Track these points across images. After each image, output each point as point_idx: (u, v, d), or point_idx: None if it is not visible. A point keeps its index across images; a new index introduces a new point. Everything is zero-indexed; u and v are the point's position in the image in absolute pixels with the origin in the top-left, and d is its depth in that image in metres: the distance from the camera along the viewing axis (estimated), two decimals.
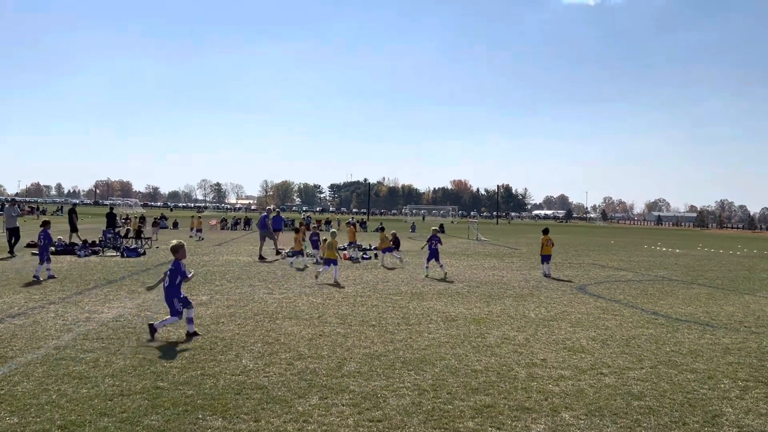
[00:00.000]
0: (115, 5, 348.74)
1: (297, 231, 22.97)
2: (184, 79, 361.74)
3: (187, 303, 10.42)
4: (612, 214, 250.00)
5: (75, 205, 33.03)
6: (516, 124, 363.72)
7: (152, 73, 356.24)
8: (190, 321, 10.29)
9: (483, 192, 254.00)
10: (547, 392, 7.53)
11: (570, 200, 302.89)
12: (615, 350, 9.88)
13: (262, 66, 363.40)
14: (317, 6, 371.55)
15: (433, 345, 9.84)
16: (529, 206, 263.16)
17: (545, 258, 20.68)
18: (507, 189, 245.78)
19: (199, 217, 44.82)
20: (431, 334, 10.64)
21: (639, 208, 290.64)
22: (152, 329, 9.92)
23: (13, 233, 23.47)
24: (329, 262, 17.99)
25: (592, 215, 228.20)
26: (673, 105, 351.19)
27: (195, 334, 10.16)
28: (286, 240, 32.67)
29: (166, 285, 10.39)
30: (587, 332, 11.25)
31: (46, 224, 18.37)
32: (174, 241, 10.88)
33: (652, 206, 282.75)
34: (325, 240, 18.80)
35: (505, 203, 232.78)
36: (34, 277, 16.53)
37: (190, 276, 10.74)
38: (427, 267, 20.14)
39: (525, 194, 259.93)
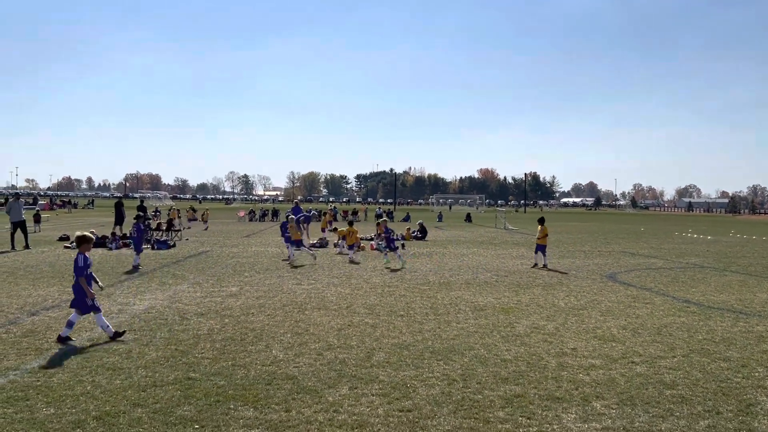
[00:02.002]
0: (143, 3, 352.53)
1: (351, 224, 22.68)
2: (210, 74, 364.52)
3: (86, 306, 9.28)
4: (642, 201, 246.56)
5: (120, 198, 33.72)
6: (544, 112, 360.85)
7: (180, 68, 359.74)
8: (70, 325, 9.14)
9: (510, 180, 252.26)
10: (578, 381, 7.47)
11: (599, 187, 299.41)
12: (646, 339, 9.77)
13: (286, 59, 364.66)
14: None
15: (461, 335, 9.83)
16: (557, 194, 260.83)
17: (540, 248, 19.64)
18: (534, 177, 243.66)
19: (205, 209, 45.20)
20: (460, 324, 10.62)
21: (669, 194, 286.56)
22: (60, 339, 9.01)
23: (19, 226, 24.06)
24: (352, 246, 20.87)
25: (621, 202, 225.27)
26: (703, 89, 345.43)
27: (68, 339, 9.05)
28: (313, 231, 32.86)
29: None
30: (618, 321, 11.14)
31: (138, 218, 19.81)
32: (78, 233, 9.85)
33: (683, 192, 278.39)
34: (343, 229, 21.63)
35: (533, 191, 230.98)
36: (134, 266, 17.98)
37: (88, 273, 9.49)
38: (386, 255, 20.54)
39: (553, 182, 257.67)
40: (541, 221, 20.50)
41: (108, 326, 9.27)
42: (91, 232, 25.58)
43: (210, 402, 6.57)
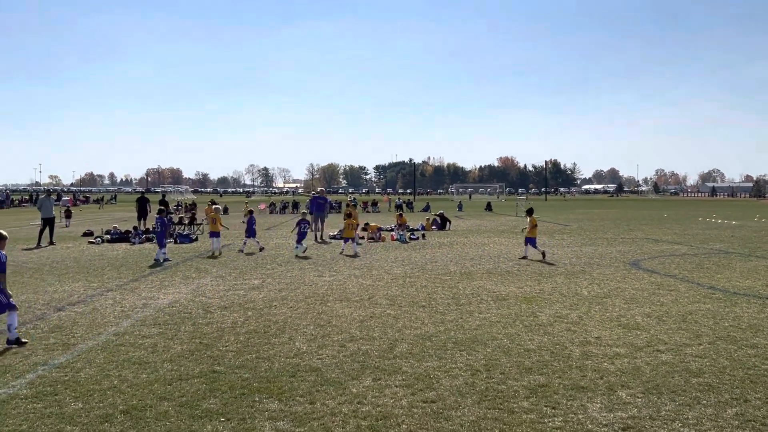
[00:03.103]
0: None
1: (349, 216, 22.65)
2: (225, 65, 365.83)
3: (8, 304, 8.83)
4: (664, 186, 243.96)
5: (143, 193, 34.28)
6: (563, 98, 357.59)
7: (196, 60, 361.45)
8: (10, 328, 8.73)
9: (530, 168, 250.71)
10: (603, 370, 7.43)
11: (620, 174, 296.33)
12: (671, 326, 9.68)
13: (300, 47, 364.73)
14: None
15: (484, 325, 9.81)
16: (578, 181, 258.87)
17: (530, 241, 18.83)
18: (555, 164, 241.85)
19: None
20: (482, 314, 10.60)
21: (692, 179, 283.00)
22: (18, 342, 8.67)
23: (48, 222, 24.37)
24: (347, 239, 20.57)
25: (643, 188, 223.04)
26: (726, 71, 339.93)
27: (18, 342, 8.68)
28: (333, 223, 32.90)
29: None
30: (642, 309, 11.04)
31: (161, 212, 20.11)
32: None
33: (706, 177, 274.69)
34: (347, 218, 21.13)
35: (554, 179, 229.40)
36: (155, 260, 18.24)
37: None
38: (296, 247, 20.43)
39: (574, 169, 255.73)
40: (530, 212, 20.11)
41: (15, 329, 8.72)
42: (114, 227, 25.91)
43: (235, 395, 6.63)
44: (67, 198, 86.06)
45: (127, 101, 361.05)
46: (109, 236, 25.90)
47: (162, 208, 21.01)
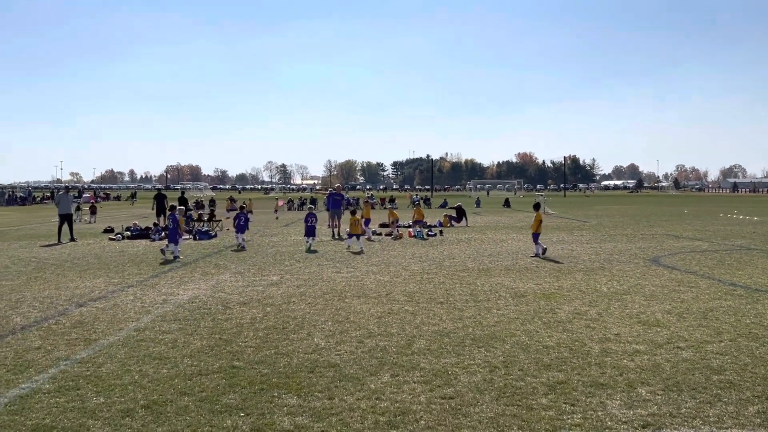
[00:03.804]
0: None
1: (354, 213, 22.77)
2: (243, 62, 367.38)
3: None
4: (685, 182, 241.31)
5: (160, 189, 34.69)
6: (583, 92, 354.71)
7: (214, 57, 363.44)
8: None
9: (549, 164, 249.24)
10: (622, 367, 7.38)
11: (640, 169, 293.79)
12: (692, 323, 9.59)
13: (317, 43, 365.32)
14: None
15: (502, 321, 9.79)
16: (597, 177, 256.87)
17: (538, 236, 18.86)
18: (574, 160, 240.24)
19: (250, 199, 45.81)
20: (500, 311, 10.57)
21: (713, 175, 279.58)
22: None
23: (66, 218, 24.55)
24: (353, 236, 20.54)
25: (663, 184, 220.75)
26: (747, 64, 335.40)
27: None
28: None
29: None
30: (662, 305, 10.96)
31: (173, 209, 20.21)
32: None
33: (727, 173, 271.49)
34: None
35: (573, 175, 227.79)
36: (174, 257, 18.35)
37: None
38: (307, 241, 21.02)
39: (593, 165, 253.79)
40: (536, 207, 20.21)
41: None
42: (134, 224, 26.16)
43: (254, 390, 6.68)
44: (88, 195, 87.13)
45: (147, 99, 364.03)
46: (129, 233, 26.17)
47: (174, 204, 21.12)
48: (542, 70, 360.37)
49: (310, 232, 21.13)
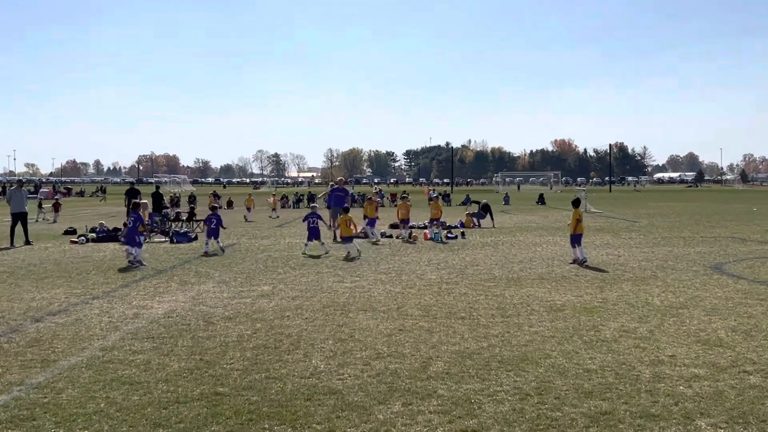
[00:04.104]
0: None
1: (346, 211, 22.55)
2: (230, 35, 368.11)
3: None
4: (754, 174, 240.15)
5: (133, 183, 34.93)
6: (631, 70, 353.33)
7: (194, 27, 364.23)
8: None
9: (592, 153, 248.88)
10: (678, 395, 7.36)
11: (700, 160, 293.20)
12: (761, 343, 9.55)
13: (317, 17, 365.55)
14: None
15: (535, 340, 9.78)
16: (649, 168, 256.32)
17: (577, 239, 18.62)
18: (621, 148, 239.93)
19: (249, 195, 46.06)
20: (533, 328, 10.56)
21: None
22: None
23: (19, 218, 24.43)
24: (346, 239, 20.61)
25: (728, 177, 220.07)
26: None
27: None
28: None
29: None
30: (726, 321, 10.92)
31: (135, 206, 20.17)
32: None
33: None
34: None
35: (620, 166, 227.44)
36: (131, 262, 18.26)
37: None
38: (305, 245, 21.11)
39: (644, 154, 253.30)
40: (575, 203, 19.76)
41: None
42: (101, 225, 26.32)
43: (241, 421, 6.70)
44: (46, 190, 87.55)
45: (114, 76, 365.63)
46: (94, 235, 26.29)
47: (136, 202, 21.09)
48: (583, 44, 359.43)
49: (313, 234, 21.15)
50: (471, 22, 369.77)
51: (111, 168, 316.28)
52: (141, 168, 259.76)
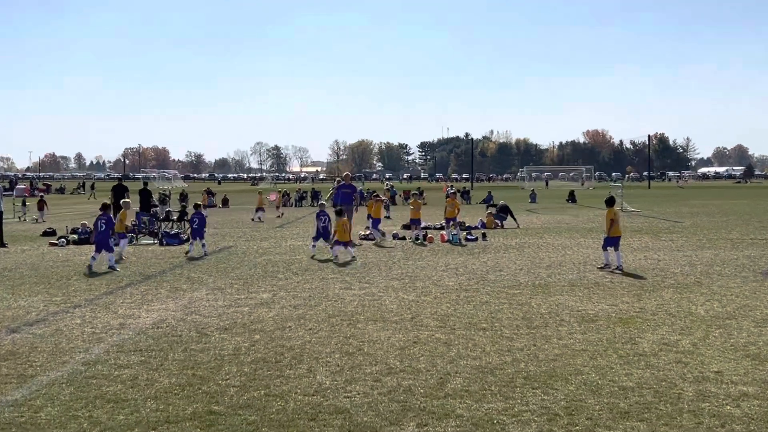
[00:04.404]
0: None
1: (340, 214, 22.41)
2: (226, 18, 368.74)
3: None
4: None
5: (121, 179, 35.02)
6: (670, 49, 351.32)
7: (186, 10, 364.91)
8: None
9: (628, 145, 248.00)
10: (725, 416, 7.34)
11: (750, 153, 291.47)
12: None
13: None
14: None
15: (565, 354, 9.76)
16: (692, 162, 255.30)
17: (612, 242, 18.40)
18: (662, 140, 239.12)
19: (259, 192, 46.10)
20: (562, 340, 10.55)
21: None
22: None
23: None
24: (340, 244, 20.67)
25: None
26: None
27: None
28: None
29: None
30: None
31: (105, 208, 20.16)
32: None
33: None
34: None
35: (660, 159, 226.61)
36: (110, 267, 18.58)
37: None
38: (312, 246, 21.52)
39: (687, 146, 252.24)
40: (609, 202, 19.43)
41: None
42: (83, 225, 26.39)
43: None
44: (22, 186, 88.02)
45: (97, 61, 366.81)
46: (76, 236, 26.40)
47: (107, 202, 21.11)
48: (618, 22, 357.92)
49: (323, 234, 21.25)
50: (491, 1, 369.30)
51: (94, 162, 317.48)
52: (127, 162, 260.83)
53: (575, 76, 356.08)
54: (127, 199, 24.67)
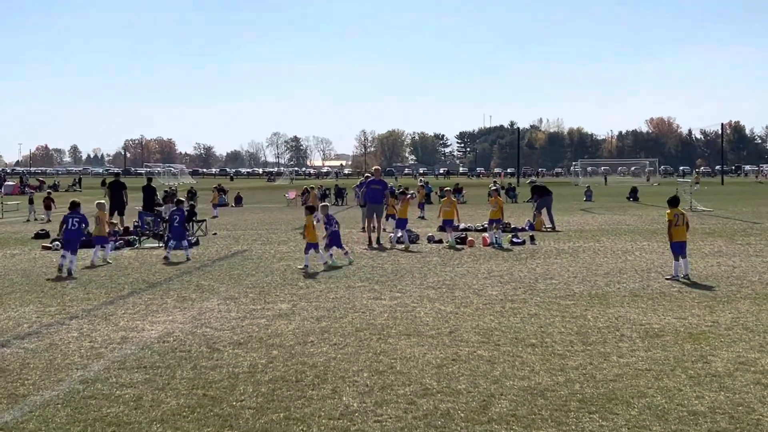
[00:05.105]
0: None
1: (310, 210, 21.96)
2: None
3: None
4: None
5: (117, 175, 35.21)
6: (743, 27, 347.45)
7: None
8: None
9: (698, 135, 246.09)
10: None
11: None
12: None
13: None
14: None
15: (626, 374, 9.71)
16: None
17: (679, 247, 18.07)
18: (737, 129, 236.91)
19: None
20: (623, 358, 10.50)
21: None
22: None
23: None
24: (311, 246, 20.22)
25: None
26: None
27: None
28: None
29: None
30: None
31: (75, 205, 20.70)
32: None
33: None
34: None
35: (735, 151, 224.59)
36: (67, 270, 18.91)
37: None
38: (330, 254, 20.71)
39: (766, 136, 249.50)
40: (673, 202, 18.86)
41: None
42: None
43: None
44: (12, 183, 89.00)
45: (93, 43, 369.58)
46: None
47: (76, 201, 21.34)
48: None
49: (334, 241, 21.09)
50: None
51: (91, 155, 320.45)
52: (128, 155, 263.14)
53: (637, 57, 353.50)
54: (101, 201, 24.67)
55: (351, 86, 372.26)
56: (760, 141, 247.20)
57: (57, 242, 25.90)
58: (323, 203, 25.76)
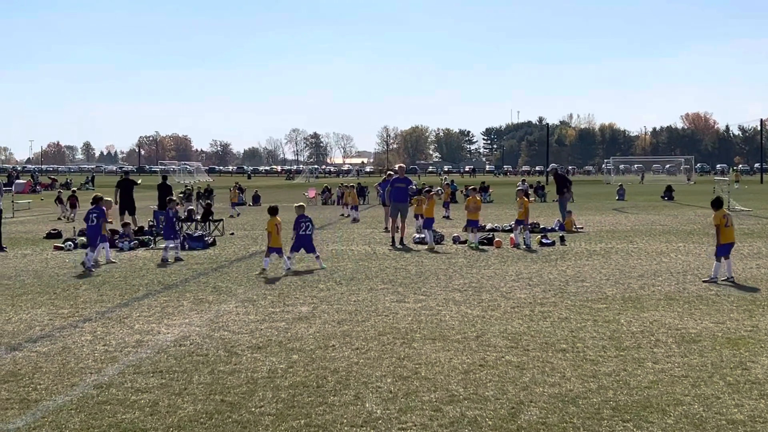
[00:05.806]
0: None
1: (274, 212, 21.39)
2: None
3: None
4: None
5: (127, 174, 35.34)
6: None
7: None
8: None
9: (736, 131, 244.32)
10: None
11: None
12: None
13: None
14: None
15: (661, 381, 9.67)
16: None
17: (724, 250, 17.88)
18: None
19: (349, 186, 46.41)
20: (658, 364, 10.45)
21: None
22: None
23: None
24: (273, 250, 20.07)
25: None
26: None
27: None
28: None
29: None
30: None
31: (97, 201, 21.39)
32: None
33: None
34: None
35: None
36: (83, 263, 19.78)
37: None
38: (288, 258, 20.27)
39: None
40: (715, 204, 18.78)
41: None
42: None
43: None
44: (23, 181, 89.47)
45: (105, 38, 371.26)
46: (84, 239, 26.74)
47: (98, 195, 21.64)
48: None
49: (304, 244, 20.68)
50: None
51: (105, 153, 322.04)
52: (142, 153, 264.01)
53: (673, 50, 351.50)
54: (108, 198, 24.81)
55: (372, 80, 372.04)
56: None
57: (69, 242, 26.09)
58: (299, 204, 24.96)
